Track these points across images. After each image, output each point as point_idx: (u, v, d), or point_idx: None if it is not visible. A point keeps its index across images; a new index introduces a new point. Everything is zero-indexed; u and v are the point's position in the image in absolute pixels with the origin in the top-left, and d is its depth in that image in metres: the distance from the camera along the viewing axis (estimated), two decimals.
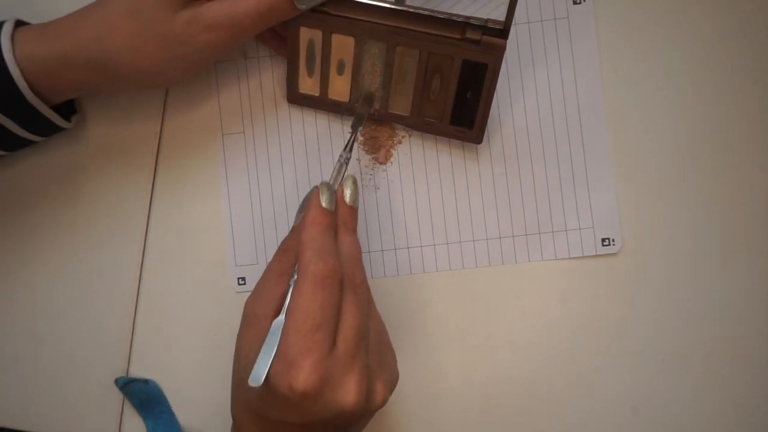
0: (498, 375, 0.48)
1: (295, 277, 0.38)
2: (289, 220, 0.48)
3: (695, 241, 0.48)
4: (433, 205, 0.48)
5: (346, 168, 0.43)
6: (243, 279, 0.48)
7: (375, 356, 0.39)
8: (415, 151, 0.48)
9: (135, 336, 0.49)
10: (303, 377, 0.35)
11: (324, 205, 0.40)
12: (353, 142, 0.44)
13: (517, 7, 0.40)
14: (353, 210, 0.41)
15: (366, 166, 0.49)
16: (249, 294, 0.40)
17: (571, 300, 0.48)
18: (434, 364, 0.48)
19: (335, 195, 0.41)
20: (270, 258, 0.48)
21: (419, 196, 0.48)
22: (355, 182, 0.41)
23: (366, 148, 0.49)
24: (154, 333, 0.49)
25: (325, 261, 0.38)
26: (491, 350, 0.48)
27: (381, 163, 0.49)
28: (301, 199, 0.46)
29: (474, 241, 0.48)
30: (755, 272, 0.48)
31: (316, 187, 0.40)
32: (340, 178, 0.42)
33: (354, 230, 0.41)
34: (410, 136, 0.48)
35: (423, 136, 0.48)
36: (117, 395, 0.48)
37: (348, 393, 0.36)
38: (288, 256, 0.40)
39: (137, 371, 0.48)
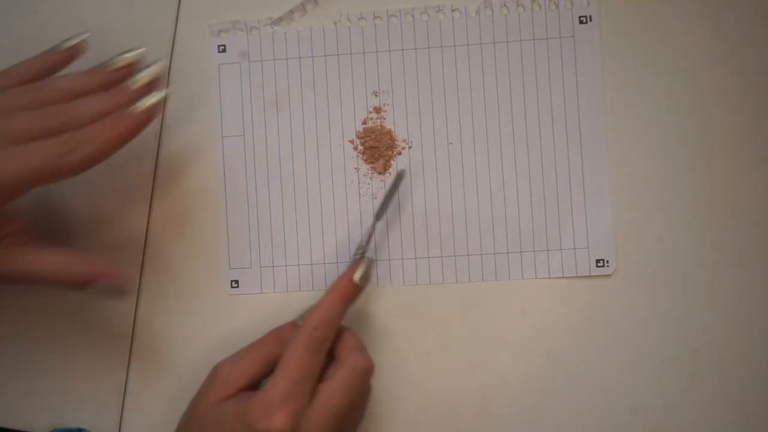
0: (497, 375, 0.48)
1: None
2: (286, 225, 0.49)
3: (692, 257, 0.48)
4: (429, 217, 0.48)
5: (362, 258, 0.45)
6: (236, 282, 0.49)
7: None
8: (414, 162, 0.48)
9: (135, 336, 0.49)
10: (281, 422, 0.38)
11: (356, 279, 0.43)
12: (372, 236, 0.46)
13: (522, 23, 0.38)
14: (358, 288, 0.44)
15: (364, 175, 0.49)
16: (224, 359, 0.43)
17: (570, 300, 0.48)
18: (433, 365, 0.48)
19: (369, 274, 0.44)
20: (263, 261, 0.48)
21: (415, 208, 0.48)
22: (370, 265, 0.44)
23: (365, 158, 0.49)
24: (154, 332, 0.49)
25: (328, 331, 0.42)
26: (490, 351, 0.48)
27: (379, 173, 0.49)
28: (296, 207, 0.46)
29: (468, 255, 0.48)
30: (754, 281, 0.48)
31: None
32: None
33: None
34: (410, 147, 0.48)
35: (423, 148, 0.48)
36: (117, 395, 0.49)
37: None
38: (279, 347, 0.42)
39: (137, 371, 0.49)
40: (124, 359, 0.49)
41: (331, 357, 0.43)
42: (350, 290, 0.43)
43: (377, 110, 0.49)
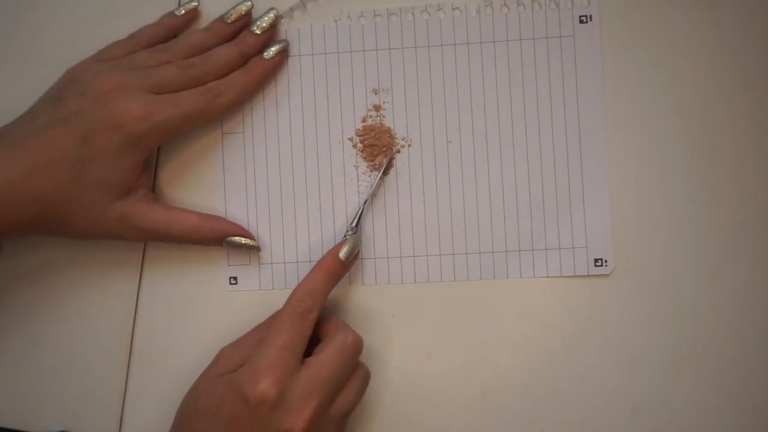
0: (497, 375, 0.48)
1: None
2: (285, 222, 0.49)
3: (691, 256, 0.48)
4: (428, 216, 0.48)
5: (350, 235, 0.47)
6: (235, 279, 0.49)
7: (335, 419, 0.42)
8: (413, 161, 0.49)
9: (135, 336, 0.49)
10: (265, 385, 0.40)
11: (341, 256, 0.45)
12: (360, 216, 0.47)
13: (522, 22, 0.39)
14: (344, 264, 0.45)
15: (363, 173, 0.49)
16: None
17: (569, 299, 0.48)
18: (433, 364, 0.48)
19: (355, 251, 0.46)
20: (262, 257, 0.49)
21: (414, 206, 0.48)
22: (356, 242, 0.46)
23: (364, 155, 0.49)
24: (154, 331, 0.49)
25: (312, 302, 0.43)
26: (490, 350, 0.48)
27: (385, 174, 0.49)
28: (295, 204, 0.47)
29: (467, 254, 0.48)
30: (753, 279, 0.48)
31: None
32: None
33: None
34: (409, 145, 0.48)
35: (422, 146, 0.48)
36: (117, 395, 0.49)
37: (298, 420, 0.40)
38: None
39: (137, 371, 0.49)
40: (124, 359, 0.49)
41: (319, 340, 0.44)
42: (335, 266, 0.45)
43: (377, 108, 0.49)
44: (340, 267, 0.45)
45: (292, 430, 0.40)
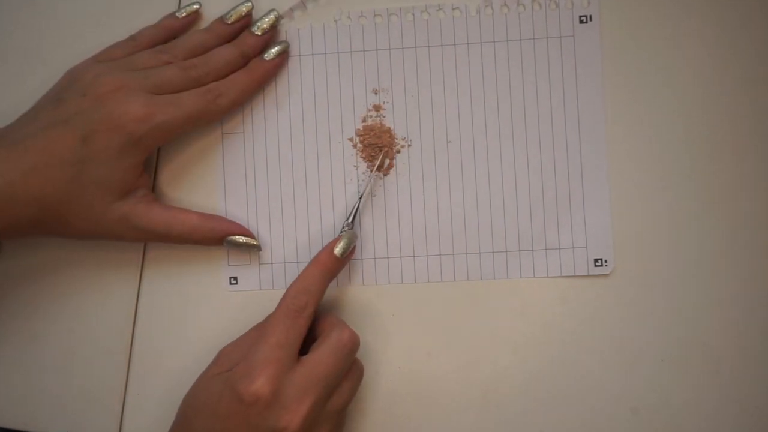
0: (497, 375, 0.48)
1: None
2: (285, 222, 0.49)
3: (691, 256, 0.48)
4: (428, 216, 0.48)
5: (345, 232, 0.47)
6: (235, 279, 0.49)
7: (332, 415, 0.42)
8: (413, 161, 0.49)
9: (135, 336, 0.49)
10: (260, 383, 0.40)
11: (336, 252, 0.45)
12: (357, 211, 0.47)
13: (522, 22, 0.39)
14: (339, 261, 0.45)
15: (363, 173, 0.49)
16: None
17: (569, 299, 0.48)
18: (433, 364, 0.48)
19: (350, 247, 0.46)
20: (262, 257, 0.49)
21: (414, 206, 0.48)
22: (351, 238, 0.46)
23: (364, 155, 0.49)
24: (154, 331, 0.49)
25: (306, 299, 0.43)
26: (490, 350, 0.48)
27: (379, 170, 0.49)
28: (295, 204, 0.47)
29: (467, 254, 0.48)
30: (753, 280, 0.48)
31: None
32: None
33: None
34: (409, 146, 0.49)
35: (422, 146, 0.48)
36: (117, 395, 0.49)
37: (294, 417, 0.40)
38: None
39: (137, 371, 0.49)
40: (124, 359, 0.49)
41: (316, 338, 0.44)
42: (331, 262, 0.45)
43: (377, 108, 0.49)
44: (335, 263, 0.45)
45: (288, 428, 0.40)
